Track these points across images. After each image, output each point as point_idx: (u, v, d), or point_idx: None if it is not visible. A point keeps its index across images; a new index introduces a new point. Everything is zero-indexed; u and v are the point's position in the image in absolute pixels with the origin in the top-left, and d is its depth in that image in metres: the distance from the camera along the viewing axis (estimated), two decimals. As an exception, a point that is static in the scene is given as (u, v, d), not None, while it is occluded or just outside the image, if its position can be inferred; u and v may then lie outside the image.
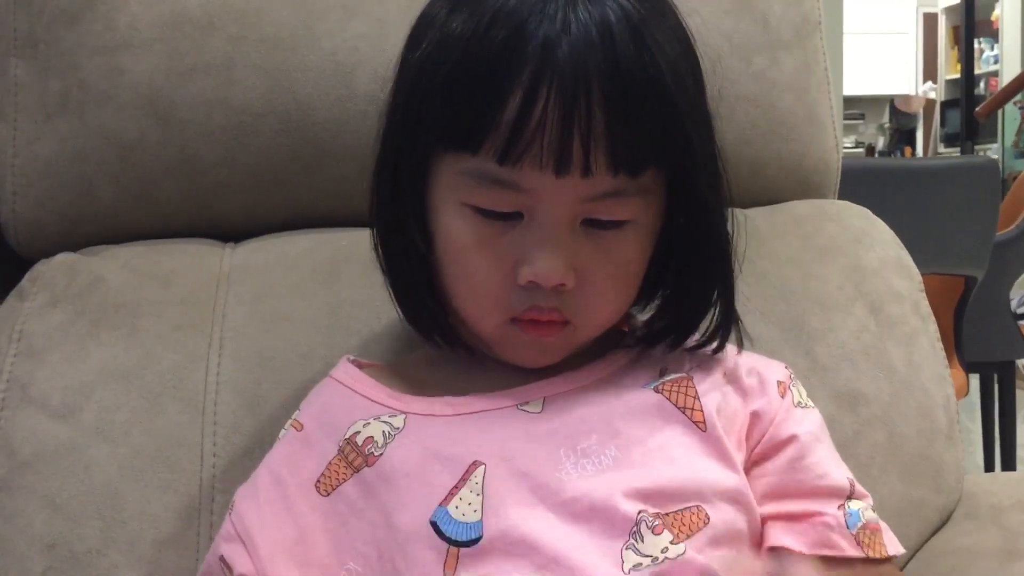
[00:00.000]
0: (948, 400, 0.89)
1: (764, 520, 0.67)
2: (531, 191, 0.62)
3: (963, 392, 2.19)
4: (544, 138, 0.59)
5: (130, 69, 0.89)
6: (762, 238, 0.94)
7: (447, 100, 0.62)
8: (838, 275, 0.91)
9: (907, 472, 0.86)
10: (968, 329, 2.14)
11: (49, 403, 0.80)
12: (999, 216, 2.11)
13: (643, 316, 0.74)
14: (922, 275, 0.96)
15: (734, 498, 0.66)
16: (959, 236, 2.02)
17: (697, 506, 0.64)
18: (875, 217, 0.98)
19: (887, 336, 0.89)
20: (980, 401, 2.55)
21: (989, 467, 2.52)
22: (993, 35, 6.72)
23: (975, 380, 2.46)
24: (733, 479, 0.66)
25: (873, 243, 0.94)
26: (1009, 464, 2.40)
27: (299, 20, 0.90)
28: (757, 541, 0.67)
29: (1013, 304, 2.52)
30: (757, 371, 0.72)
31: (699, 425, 0.67)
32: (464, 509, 0.62)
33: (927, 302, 0.93)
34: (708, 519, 0.64)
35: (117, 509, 0.77)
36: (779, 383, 0.72)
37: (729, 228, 0.69)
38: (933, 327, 0.92)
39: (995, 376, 2.45)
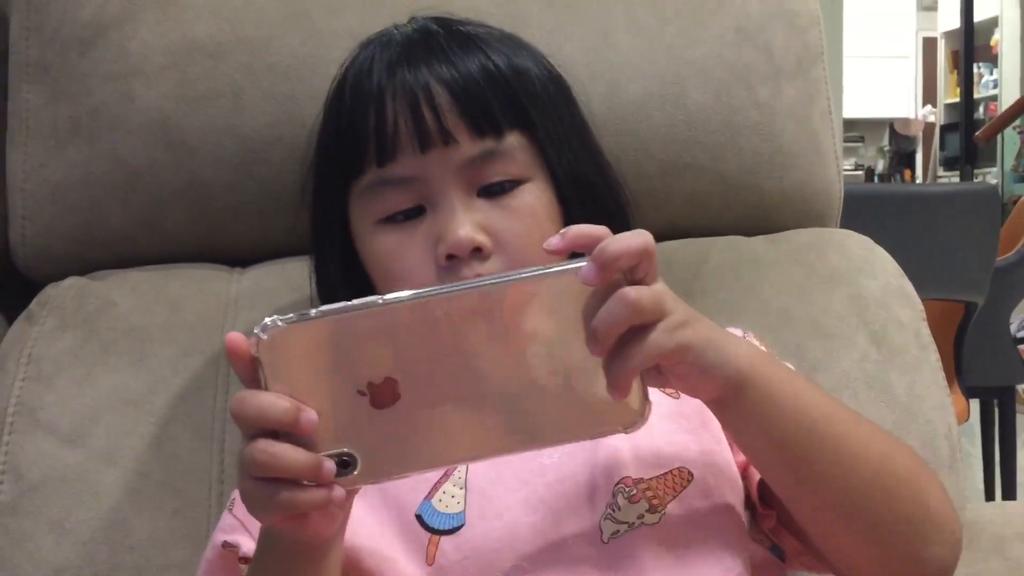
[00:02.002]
0: (950, 429, 0.89)
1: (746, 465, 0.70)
2: (416, 178, 0.69)
3: (964, 417, 2.19)
4: (403, 126, 0.69)
5: (140, 96, 0.90)
6: (764, 266, 0.94)
7: (331, 148, 0.74)
8: (840, 304, 0.92)
9: (910, 501, 0.86)
10: (968, 354, 2.14)
11: (58, 428, 0.81)
12: (999, 241, 2.11)
13: None
14: (922, 300, 0.96)
15: (713, 453, 0.68)
16: (959, 261, 2.03)
17: (679, 468, 0.67)
18: (877, 246, 0.98)
19: (889, 365, 0.90)
20: (980, 426, 2.55)
21: (989, 493, 2.51)
22: (992, 60, 6.75)
23: (975, 405, 2.46)
24: (708, 438, 0.69)
25: (875, 272, 0.95)
26: (1010, 490, 2.39)
27: (308, 49, 0.91)
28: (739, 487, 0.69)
29: (1013, 329, 2.52)
30: None
31: (671, 394, 0.69)
32: (447, 502, 0.66)
33: (929, 331, 0.93)
34: (692, 476, 0.67)
35: (125, 534, 0.77)
36: None
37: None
38: (935, 356, 0.92)
39: (995, 401, 2.45)
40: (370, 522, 0.65)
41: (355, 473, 0.52)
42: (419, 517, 0.65)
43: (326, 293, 0.78)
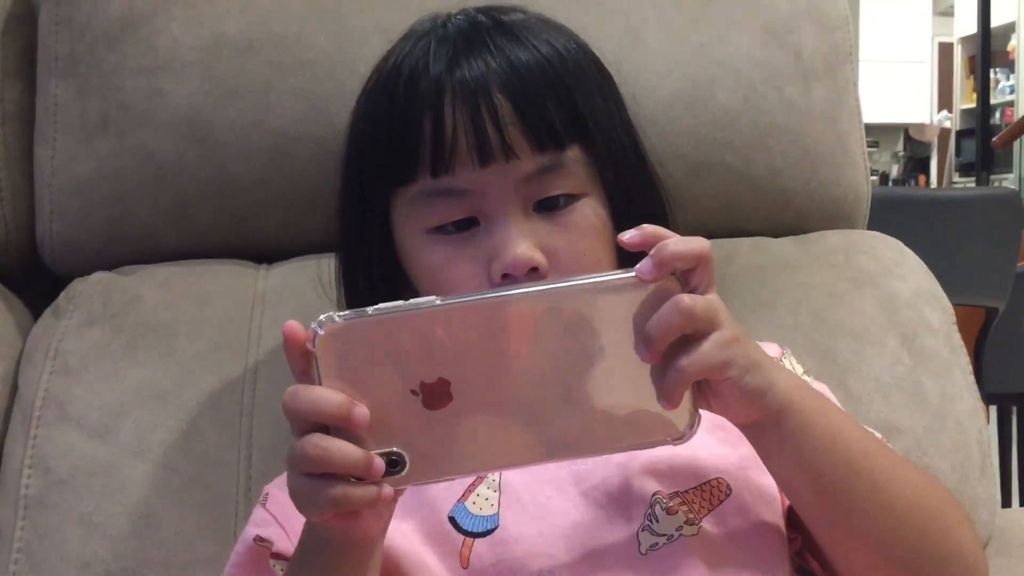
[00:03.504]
0: (981, 434, 0.89)
1: None
2: (472, 191, 0.67)
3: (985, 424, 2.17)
4: (462, 138, 0.66)
5: (170, 91, 0.90)
6: (793, 268, 0.94)
7: (377, 149, 0.70)
8: (870, 306, 0.91)
9: (941, 506, 0.85)
10: (988, 360, 2.13)
11: (86, 422, 0.81)
12: (1021, 247, 2.10)
13: None
14: (944, 306, 0.95)
15: (750, 468, 0.67)
16: (980, 267, 2.02)
17: (717, 479, 0.66)
18: (906, 248, 0.98)
19: (920, 368, 0.89)
20: (997, 432, 2.53)
21: (1006, 500, 2.49)
22: (1009, 66, 6.72)
23: (992, 411, 2.44)
24: (747, 452, 0.67)
25: (905, 274, 0.94)
26: (1028, 497, 2.38)
27: (337, 46, 0.91)
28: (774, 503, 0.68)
29: (1033, 335, 2.50)
30: None
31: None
32: (481, 504, 0.65)
33: (959, 334, 0.93)
34: (730, 489, 0.66)
35: (153, 529, 0.77)
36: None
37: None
38: (965, 359, 0.92)
39: (1014, 408, 2.43)
40: (403, 523, 0.65)
41: (403, 473, 0.52)
42: (452, 519, 0.65)
43: (355, 295, 0.75)
